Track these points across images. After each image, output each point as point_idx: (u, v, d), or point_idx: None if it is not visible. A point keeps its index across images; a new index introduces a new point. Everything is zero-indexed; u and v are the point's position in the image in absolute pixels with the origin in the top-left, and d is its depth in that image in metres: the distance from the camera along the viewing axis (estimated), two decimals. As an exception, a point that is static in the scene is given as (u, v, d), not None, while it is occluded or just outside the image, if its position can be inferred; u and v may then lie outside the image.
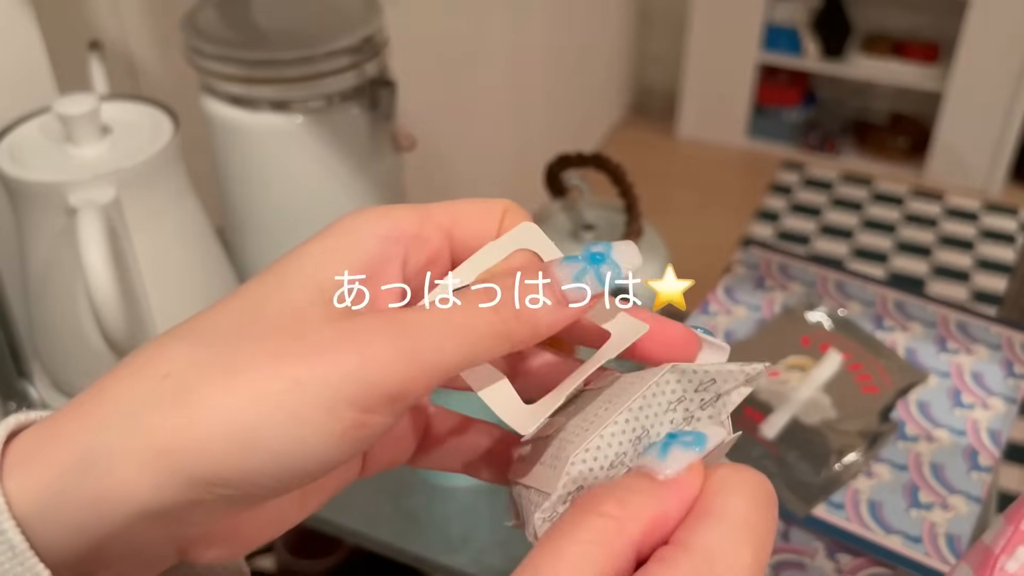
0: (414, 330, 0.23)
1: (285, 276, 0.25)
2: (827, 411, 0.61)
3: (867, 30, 2.55)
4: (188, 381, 0.22)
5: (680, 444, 0.23)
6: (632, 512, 0.22)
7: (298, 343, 0.23)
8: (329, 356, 0.22)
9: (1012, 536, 0.38)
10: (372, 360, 0.22)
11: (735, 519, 0.22)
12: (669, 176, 2.55)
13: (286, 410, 0.22)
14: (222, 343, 0.23)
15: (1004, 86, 2.30)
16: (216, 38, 0.69)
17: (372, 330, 0.23)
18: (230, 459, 0.22)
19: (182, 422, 0.22)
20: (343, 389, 0.22)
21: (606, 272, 0.25)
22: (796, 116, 2.64)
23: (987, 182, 2.45)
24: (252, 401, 0.22)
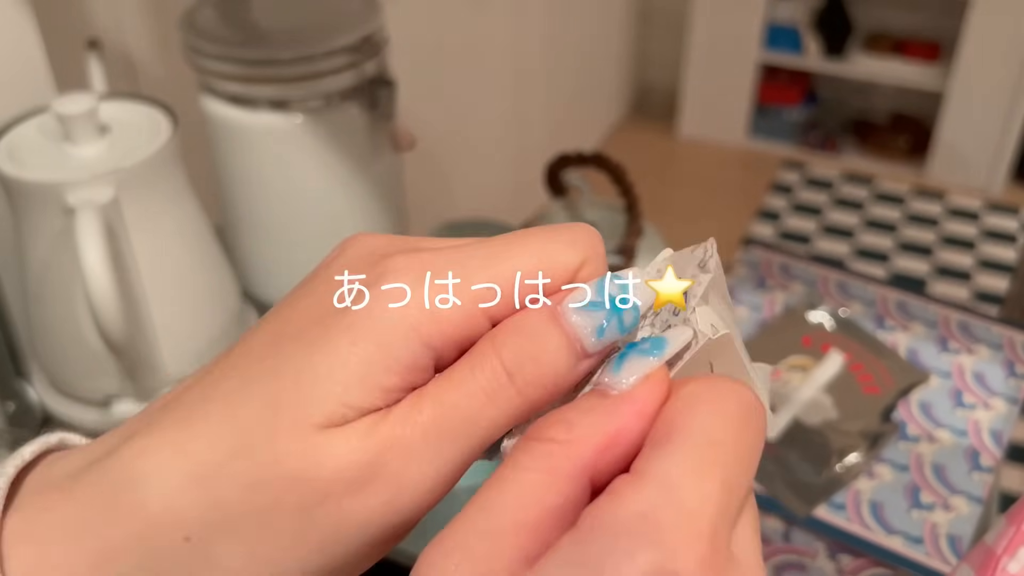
0: (436, 455, 0.21)
1: (298, 393, 0.21)
2: (828, 411, 0.61)
3: (868, 29, 2.54)
4: (215, 552, 0.21)
5: (636, 352, 0.21)
6: (580, 434, 0.20)
7: (324, 508, 0.21)
8: (358, 517, 0.21)
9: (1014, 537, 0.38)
10: (400, 509, 0.21)
11: (698, 440, 0.19)
12: (669, 176, 2.55)
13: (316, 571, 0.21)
14: (240, 500, 0.21)
15: (1005, 85, 2.30)
16: (215, 37, 0.69)
17: (397, 474, 0.21)
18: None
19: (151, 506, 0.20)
20: (372, 537, 0.21)
21: (628, 318, 0.22)
22: (797, 115, 2.63)
23: (988, 181, 2.44)
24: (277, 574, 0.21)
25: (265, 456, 0.21)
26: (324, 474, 0.21)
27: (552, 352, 0.21)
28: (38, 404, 0.69)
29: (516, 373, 0.21)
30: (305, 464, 0.21)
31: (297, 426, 0.21)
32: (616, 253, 0.66)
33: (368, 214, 0.77)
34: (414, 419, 0.21)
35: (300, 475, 0.21)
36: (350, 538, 0.21)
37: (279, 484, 0.21)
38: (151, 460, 0.21)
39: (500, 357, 0.21)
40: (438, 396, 0.21)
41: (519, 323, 0.22)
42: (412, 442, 0.21)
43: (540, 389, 0.21)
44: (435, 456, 0.21)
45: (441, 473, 0.21)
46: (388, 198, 0.79)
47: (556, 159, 0.72)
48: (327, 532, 0.21)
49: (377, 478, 0.21)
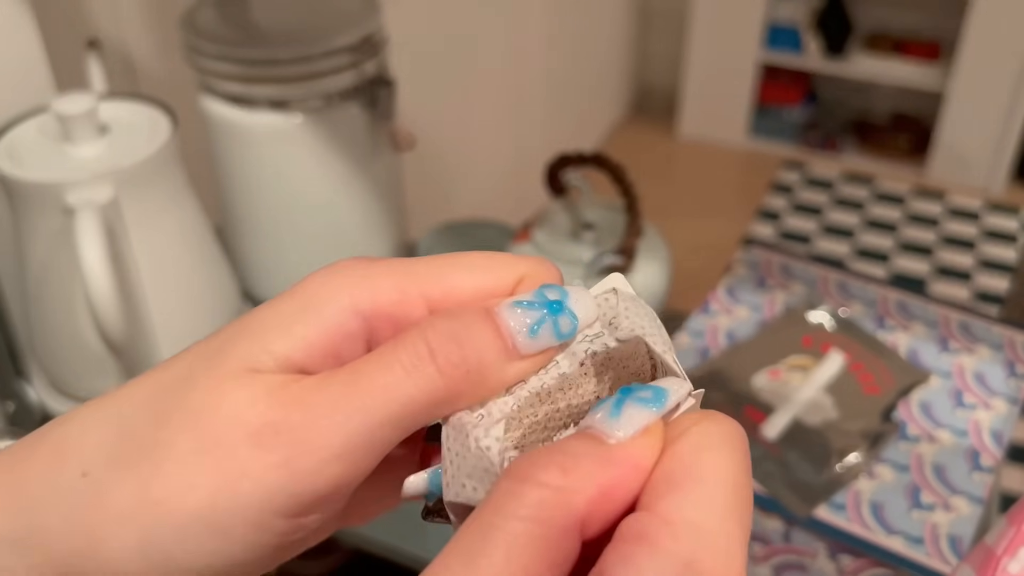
0: (342, 422, 0.20)
1: (221, 345, 0.22)
2: (829, 411, 0.61)
3: (868, 29, 2.54)
4: (103, 487, 0.20)
5: (636, 400, 0.20)
6: (576, 481, 0.18)
7: (219, 450, 0.20)
8: (253, 471, 0.20)
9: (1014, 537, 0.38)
10: (298, 467, 0.20)
11: (719, 483, 0.19)
12: (669, 176, 2.55)
13: (208, 526, 0.20)
14: (140, 434, 0.21)
15: (1006, 85, 2.30)
16: (215, 37, 0.69)
17: (299, 429, 0.20)
18: (141, 572, 0.20)
19: (98, 536, 0.20)
20: (270, 503, 0.20)
21: (565, 325, 0.21)
22: (797, 115, 2.63)
23: (989, 181, 2.44)
24: (168, 515, 0.20)
25: (177, 394, 0.21)
26: (221, 416, 0.20)
27: (479, 339, 0.21)
28: (37, 404, 0.69)
29: (438, 351, 0.21)
30: (206, 403, 0.21)
31: (213, 368, 0.21)
32: (616, 253, 0.66)
33: (368, 214, 0.77)
34: (327, 382, 0.21)
35: (199, 413, 0.20)
36: (245, 497, 0.20)
37: (178, 419, 0.21)
38: (77, 413, 0.23)
39: (425, 336, 0.21)
40: (356, 365, 0.21)
41: (453, 310, 0.22)
42: (319, 404, 0.20)
43: (462, 373, 0.21)
44: (343, 423, 0.20)
45: (348, 444, 0.20)
46: (388, 198, 0.79)
47: (556, 159, 0.72)
48: (221, 480, 0.20)
49: (277, 435, 0.20)
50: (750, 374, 0.63)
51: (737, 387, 0.62)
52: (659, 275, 0.70)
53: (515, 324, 0.21)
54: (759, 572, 0.55)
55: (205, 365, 0.21)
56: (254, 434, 0.20)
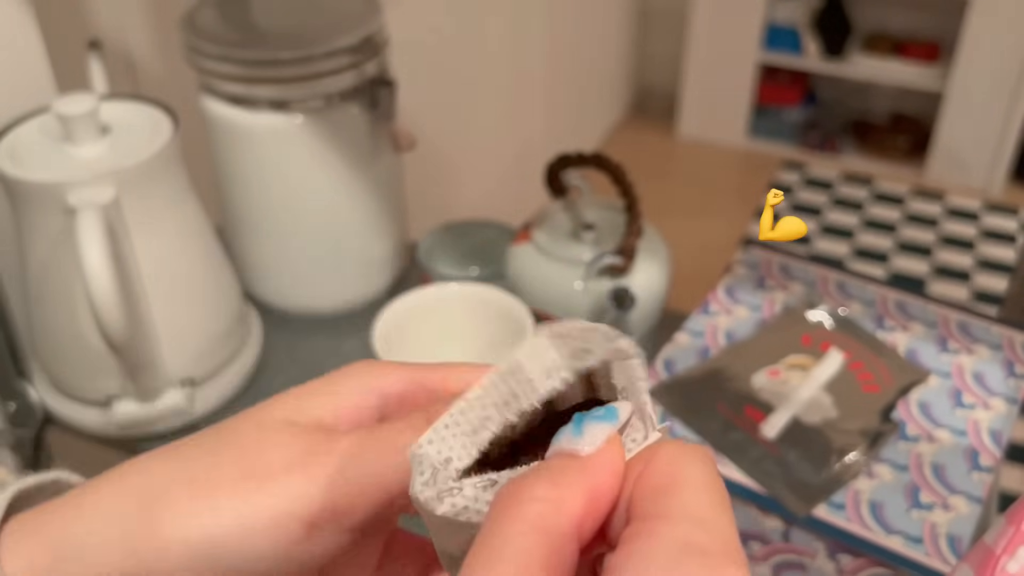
0: (357, 456, 0.26)
1: (268, 408, 0.28)
2: (828, 410, 0.61)
3: (868, 30, 2.54)
4: (157, 496, 0.26)
5: (593, 419, 0.22)
6: (567, 489, 0.21)
7: (261, 463, 0.26)
8: (283, 476, 0.25)
9: (1013, 536, 0.38)
10: (317, 480, 0.25)
11: (705, 485, 0.21)
12: (669, 176, 2.55)
13: (242, 525, 0.25)
14: (192, 461, 0.26)
15: (1005, 86, 2.30)
16: (215, 38, 0.69)
17: (322, 453, 0.26)
18: (184, 569, 0.25)
19: (145, 530, 0.25)
20: (292, 506, 0.25)
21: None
22: (796, 116, 2.64)
23: (988, 182, 2.45)
24: (212, 515, 0.25)
25: (227, 436, 0.27)
26: (264, 450, 0.26)
27: None
28: (39, 404, 0.69)
29: (434, 418, 0.24)
30: (253, 441, 0.27)
31: (259, 419, 0.28)
32: (616, 253, 0.66)
33: (368, 214, 0.77)
34: (352, 432, 0.27)
35: (246, 448, 0.26)
36: (274, 498, 0.25)
37: (228, 453, 0.27)
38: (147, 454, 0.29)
39: (427, 409, 0.27)
40: (377, 424, 0.27)
41: (455, 385, 0.28)
42: (343, 442, 0.26)
43: None
44: (357, 454, 0.26)
45: (359, 471, 0.25)
46: (388, 198, 0.79)
47: (556, 159, 0.72)
48: (257, 490, 0.25)
49: (306, 457, 0.26)
50: (750, 373, 0.63)
51: (737, 386, 0.62)
52: (659, 275, 0.70)
53: None
54: (758, 571, 0.55)
55: (251, 416, 0.27)
56: (289, 460, 0.26)
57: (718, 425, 0.60)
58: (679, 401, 0.61)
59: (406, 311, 0.67)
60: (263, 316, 0.78)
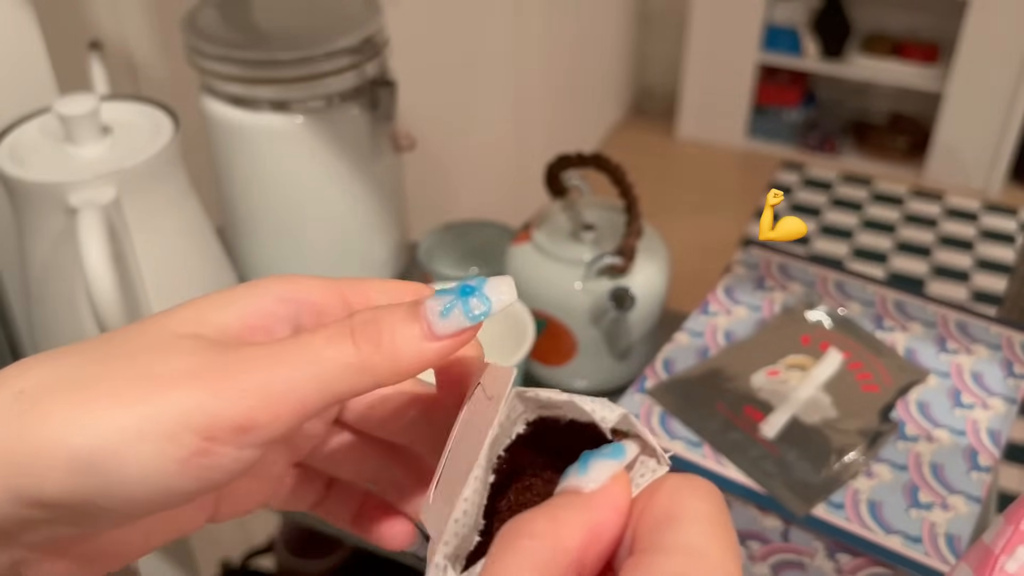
0: (266, 366, 0.23)
1: (169, 315, 0.25)
2: (827, 410, 0.61)
3: (867, 30, 2.55)
4: (39, 398, 0.22)
5: (599, 456, 0.22)
6: (565, 526, 0.21)
7: (155, 370, 0.23)
8: (180, 384, 0.22)
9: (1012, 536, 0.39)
10: (221, 391, 0.22)
11: (704, 518, 0.21)
12: (669, 176, 2.55)
13: (128, 432, 0.22)
14: (79, 367, 0.23)
15: (1004, 86, 2.30)
16: (216, 38, 0.69)
17: (228, 363, 0.23)
18: (65, 479, 0.22)
19: (21, 438, 0.22)
20: (188, 417, 0.22)
21: (476, 307, 0.24)
22: (796, 116, 2.64)
23: (987, 182, 2.45)
24: (95, 423, 0.22)
25: (121, 343, 0.24)
26: (160, 357, 0.23)
27: (396, 320, 0.24)
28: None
29: (357, 328, 0.23)
30: (149, 347, 0.23)
31: (158, 327, 0.24)
32: (616, 253, 0.67)
33: (369, 214, 0.77)
34: (261, 344, 0.24)
35: (139, 354, 0.23)
36: (168, 408, 0.22)
37: (119, 358, 0.23)
38: (23, 360, 0.25)
39: (351, 318, 0.24)
40: (290, 335, 0.24)
41: (378, 300, 0.26)
42: (250, 353, 0.23)
43: (375, 346, 0.23)
44: (266, 367, 0.23)
45: (268, 385, 0.23)
46: (389, 198, 0.79)
47: (556, 159, 0.72)
48: (149, 397, 0.22)
49: (207, 369, 0.23)
50: (749, 373, 0.63)
51: (736, 386, 0.62)
52: (658, 275, 0.70)
53: (431, 308, 0.24)
54: (757, 571, 0.55)
55: (150, 325, 0.24)
56: (187, 369, 0.23)
57: (717, 425, 0.60)
58: (678, 401, 0.62)
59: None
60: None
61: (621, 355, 0.72)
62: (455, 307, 0.24)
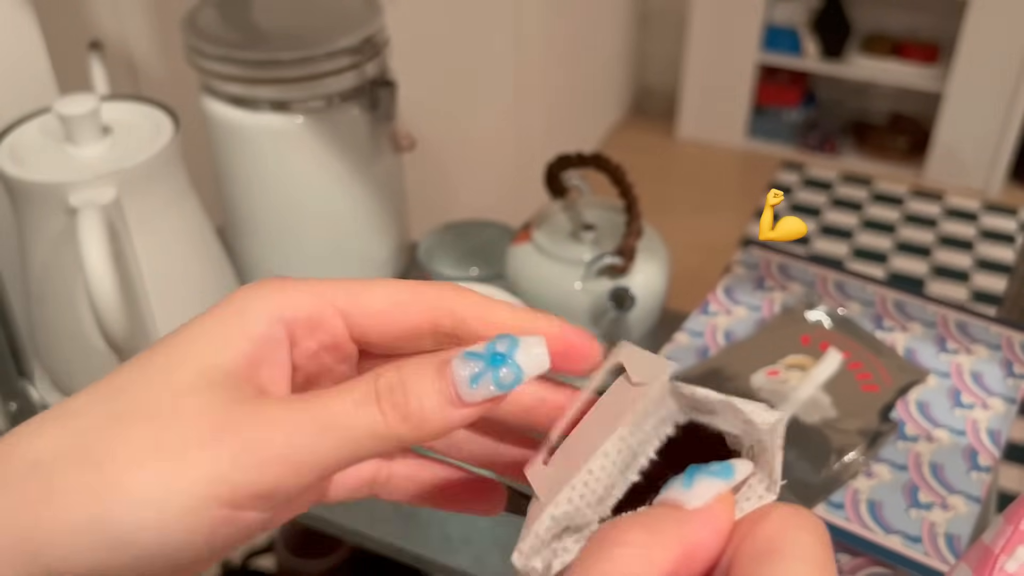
0: (290, 431, 0.22)
1: (168, 358, 0.24)
2: (827, 410, 0.61)
3: (867, 30, 2.55)
4: (57, 471, 0.22)
5: (706, 473, 0.22)
6: (661, 540, 0.20)
7: (169, 437, 0.22)
8: (199, 455, 0.22)
9: (1012, 536, 0.39)
10: (241, 462, 0.22)
11: (810, 558, 0.20)
12: (669, 176, 2.55)
13: (155, 509, 0.21)
14: (94, 431, 0.22)
15: (1004, 86, 2.30)
16: (216, 38, 0.69)
17: (246, 429, 0.22)
18: (94, 556, 0.21)
19: (47, 518, 0.21)
20: (212, 489, 0.21)
21: (506, 376, 0.23)
22: (796, 116, 2.64)
23: (987, 182, 2.45)
24: (117, 498, 0.21)
25: (131, 397, 0.23)
26: (176, 417, 0.22)
27: (423, 387, 0.23)
28: (40, 403, 0.69)
29: (383, 395, 0.23)
30: (162, 406, 0.23)
31: (166, 376, 0.23)
32: (616, 254, 0.67)
33: (369, 214, 0.77)
34: (284, 400, 0.23)
35: (154, 414, 0.22)
36: (190, 483, 0.21)
37: (131, 419, 0.22)
38: (30, 420, 0.24)
39: (377, 380, 0.23)
40: (315, 393, 0.23)
41: (407, 360, 0.24)
42: (273, 415, 0.22)
43: (402, 416, 0.23)
44: (291, 432, 0.22)
45: (293, 451, 0.22)
46: (389, 198, 0.79)
47: (556, 159, 0.72)
48: (170, 468, 0.22)
49: (228, 433, 0.22)
50: (748, 373, 0.63)
51: (735, 386, 0.62)
52: (658, 275, 0.70)
53: (459, 373, 0.23)
54: (758, 570, 0.55)
55: (158, 373, 0.23)
56: (206, 434, 0.22)
57: (717, 425, 0.60)
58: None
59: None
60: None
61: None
62: (484, 376, 0.23)
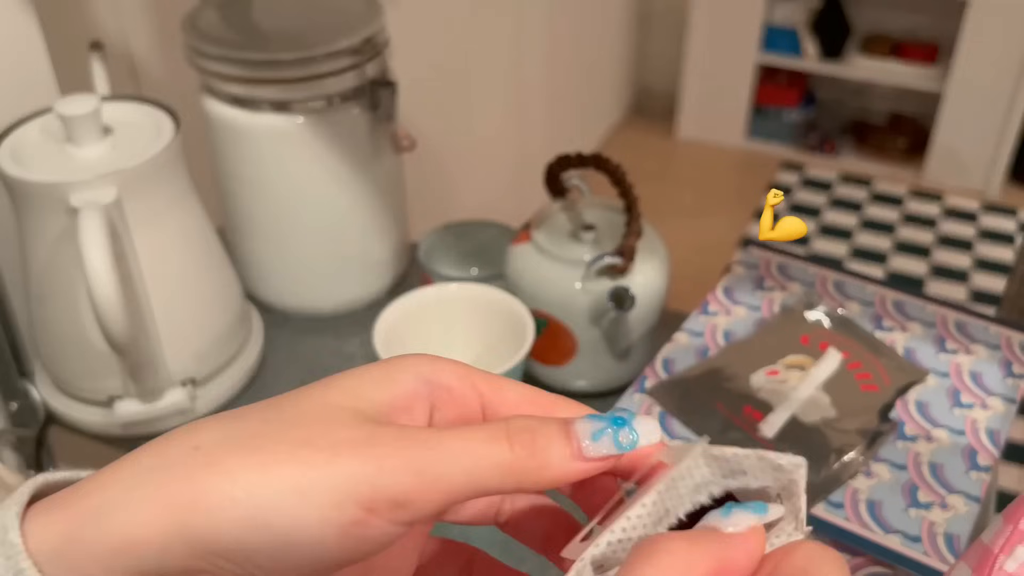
0: (427, 450, 0.24)
1: (325, 387, 0.26)
2: (826, 410, 0.61)
3: (866, 31, 2.55)
4: (215, 454, 0.24)
5: (741, 507, 0.24)
6: (698, 551, 0.22)
7: (324, 438, 0.24)
8: (348, 455, 0.24)
9: (1011, 535, 0.39)
10: (384, 467, 0.24)
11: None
12: (669, 176, 2.55)
13: (298, 495, 0.23)
14: (252, 429, 0.25)
15: (1003, 86, 2.31)
16: (217, 39, 0.69)
17: (391, 442, 0.24)
18: (237, 532, 0.23)
19: (200, 489, 0.23)
20: (353, 487, 0.23)
21: (625, 437, 0.26)
22: (795, 117, 2.64)
23: (986, 182, 2.45)
24: (270, 480, 0.23)
25: (287, 408, 0.26)
26: (329, 423, 0.25)
27: (550, 435, 0.25)
28: (41, 404, 0.70)
29: (514, 434, 0.25)
30: (319, 414, 0.25)
31: (322, 397, 0.26)
32: (616, 254, 0.67)
33: (369, 214, 0.77)
34: (425, 428, 0.25)
35: (310, 419, 0.25)
36: (336, 479, 0.23)
37: (289, 421, 0.25)
38: (193, 422, 0.26)
39: (508, 423, 0.26)
40: (451, 425, 0.26)
41: (535, 416, 0.26)
42: (413, 434, 0.25)
43: (529, 454, 0.25)
44: (425, 450, 0.24)
45: (426, 467, 0.24)
46: (389, 198, 0.79)
47: (556, 160, 0.72)
48: (320, 462, 0.24)
49: (372, 442, 0.24)
50: (748, 373, 0.63)
51: (735, 386, 0.63)
52: (658, 275, 0.70)
53: (583, 430, 0.26)
54: (758, 570, 0.55)
55: (310, 394, 0.26)
56: (353, 441, 0.24)
57: (717, 424, 0.60)
58: (678, 401, 0.62)
59: (406, 312, 0.67)
60: (264, 316, 0.79)
61: (621, 355, 0.72)
62: (606, 434, 0.26)
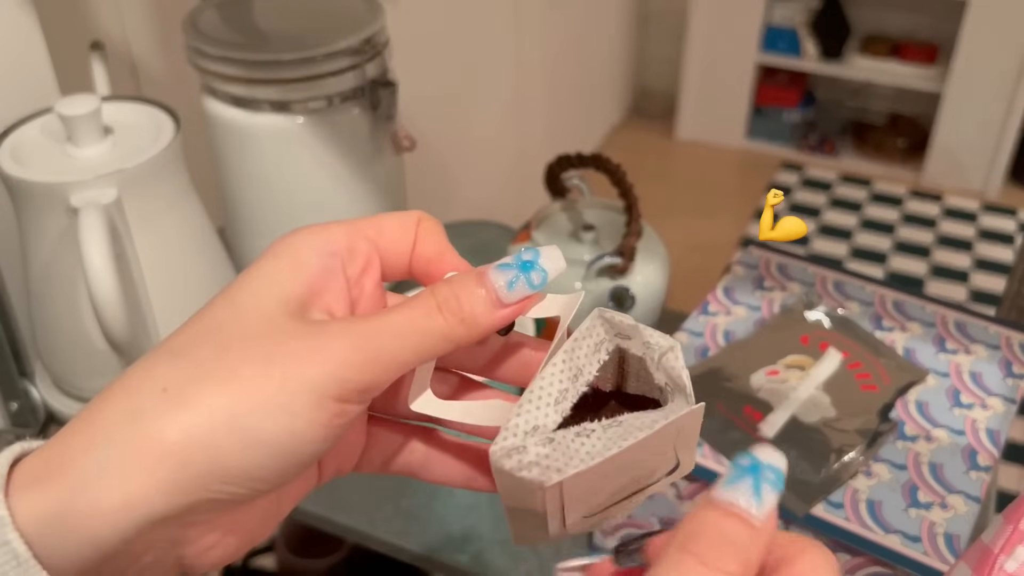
0: (376, 337, 0.26)
1: (251, 295, 0.27)
2: (826, 410, 0.61)
3: (866, 31, 2.55)
4: (187, 391, 0.25)
5: (769, 484, 0.25)
6: (727, 564, 0.23)
7: (282, 349, 0.26)
8: (310, 360, 0.25)
9: (1011, 535, 0.39)
10: (347, 362, 0.26)
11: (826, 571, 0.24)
12: (669, 176, 2.55)
13: (280, 406, 0.25)
14: (210, 361, 0.25)
15: (1002, 87, 2.31)
16: (217, 39, 0.69)
17: (340, 335, 0.26)
18: (234, 454, 0.24)
19: (185, 423, 0.24)
20: (326, 386, 0.25)
21: (535, 277, 0.29)
22: (795, 117, 2.64)
23: (985, 183, 2.45)
24: (250, 400, 0.25)
25: (231, 330, 0.26)
26: (279, 343, 0.26)
27: (472, 295, 0.28)
28: (41, 403, 0.70)
29: (443, 305, 0.27)
30: (266, 333, 0.26)
31: (258, 311, 0.27)
32: (615, 254, 0.67)
33: (369, 214, 0.77)
34: (372, 316, 0.27)
35: (259, 340, 0.26)
36: (308, 382, 0.25)
37: (241, 347, 0.26)
38: (131, 367, 0.27)
39: (434, 294, 0.28)
40: (389, 309, 0.28)
41: (457, 276, 0.29)
42: (365, 328, 0.27)
43: (459, 320, 0.27)
44: (377, 336, 0.26)
45: (381, 352, 0.26)
46: (389, 198, 0.79)
47: (556, 160, 0.72)
48: (288, 375, 0.25)
49: (329, 341, 0.26)
50: (748, 373, 0.63)
51: (735, 386, 0.63)
52: (658, 275, 0.71)
53: (498, 281, 0.28)
54: (758, 570, 0.55)
55: (246, 308, 0.27)
56: (316, 344, 0.26)
57: (717, 424, 0.60)
58: (678, 401, 0.62)
59: (407, 311, 0.67)
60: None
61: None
62: (519, 280, 0.28)
